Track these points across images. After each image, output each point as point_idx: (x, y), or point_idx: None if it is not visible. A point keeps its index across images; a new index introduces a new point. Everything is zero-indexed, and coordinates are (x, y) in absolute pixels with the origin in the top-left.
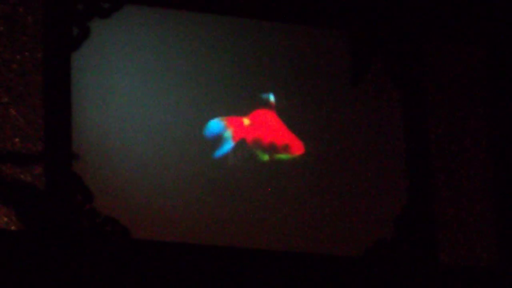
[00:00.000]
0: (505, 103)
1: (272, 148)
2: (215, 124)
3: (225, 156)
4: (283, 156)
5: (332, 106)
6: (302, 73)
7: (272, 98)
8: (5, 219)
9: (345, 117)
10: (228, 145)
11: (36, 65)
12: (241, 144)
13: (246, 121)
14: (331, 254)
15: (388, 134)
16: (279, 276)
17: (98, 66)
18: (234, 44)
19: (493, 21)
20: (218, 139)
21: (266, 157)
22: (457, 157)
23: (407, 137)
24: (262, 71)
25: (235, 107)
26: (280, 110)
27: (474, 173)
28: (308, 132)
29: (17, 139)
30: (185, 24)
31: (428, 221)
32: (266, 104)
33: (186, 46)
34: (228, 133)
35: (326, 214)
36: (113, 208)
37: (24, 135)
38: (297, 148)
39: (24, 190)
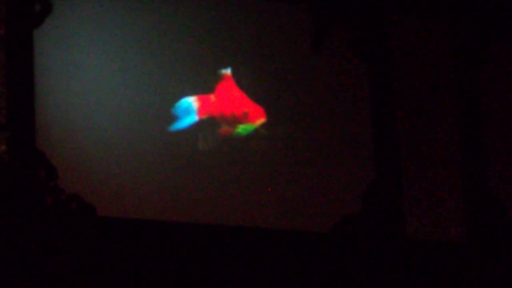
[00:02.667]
0: (471, 76)
1: (233, 118)
2: (184, 103)
3: (195, 141)
4: (246, 126)
5: (297, 81)
6: (265, 47)
7: (229, 70)
8: None
9: (311, 92)
10: (190, 119)
11: None
12: (211, 128)
13: (212, 97)
14: (299, 230)
15: (355, 110)
16: (247, 252)
17: (60, 42)
18: (197, 20)
19: None
20: (183, 115)
21: (231, 129)
22: (425, 132)
23: (374, 112)
24: (226, 47)
25: (200, 84)
26: (245, 85)
27: (442, 147)
28: (275, 110)
29: None
30: (149, 1)
31: (396, 196)
32: (225, 77)
33: (150, 23)
34: (193, 109)
35: (294, 190)
36: (78, 185)
37: None
38: (257, 114)
39: None
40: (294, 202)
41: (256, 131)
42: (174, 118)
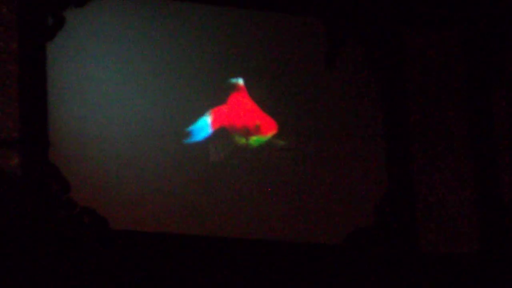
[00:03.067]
0: (483, 86)
1: (245, 130)
2: (202, 121)
3: (207, 153)
4: (258, 138)
5: (310, 94)
6: (279, 60)
7: (241, 81)
8: None
9: (323, 105)
10: (204, 132)
11: (12, 55)
12: (222, 140)
13: (225, 108)
14: (311, 242)
15: (368, 122)
16: (260, 265)
17: (73, 55)
18: (212, 32)
19: (469, 7)
20: (198, 129)
21: (243, 141)
22: (437, 144)
23: (387, 124)
24: (240, 59)
25: (214, 96)
26: (258, 97)
27: (455, 160)
28: (287, 123)
29: None
30: (162, 13)
31: (409, 208)
32: (237, 88)
33: (163, 35)
34: (207, 122)
35: (306, 202)
36: (91, 198)
37: None
38: (269, 127)
39: (0, 181)
40: (306, 214)
41: (272, 141)
42: (188, 131)
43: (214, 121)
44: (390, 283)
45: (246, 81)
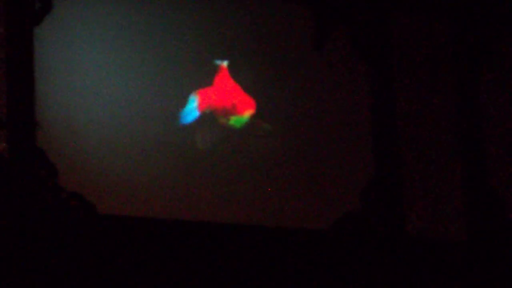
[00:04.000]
0: (471, 74)
1: (225, 110)
2: (190, 103)
3: (195, 140)
4: (238, 118)
5: (297, 79)
6: (266, 45)
7: (224, 63)
8: None
9: (310, 89)
10: (192, 115)
11: None
12: (209, 128)
13: (211, 90)
14: (299, 227)
15: (355, 107)
16: (247, 250)
17: (61, 40)
18: (199, 17)
19: None
20: (186, 111)
21: (224, 121)
22: (425, 129)
23: (374, 110)
24: (227, 44)
25: (201, 80)
26: (245, 83)
27: (442, 145)
28: (274, 107)
29: None
30: None
31: (395, 194)
32: (220, 69)
33: (150, 20)
34: (194, 103)
35: (293, 187)
36: (79, 183)
37: None
38: (246, 105)
39: None
40: (293, 199)
41: (256, 124)
42: (177, 115)
43: (200, 103)
44: (377, 268)
45: (234, 66)
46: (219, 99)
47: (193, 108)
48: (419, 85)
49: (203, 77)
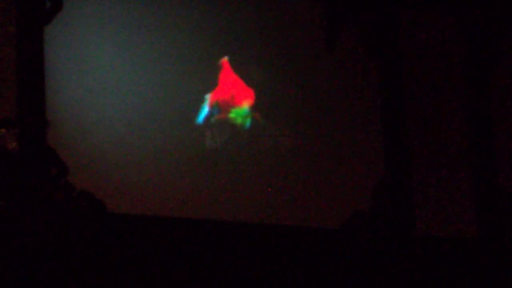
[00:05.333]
0: (480, 73)
1: (225, 103)
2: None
3: (204, 139)
4: (238, 110)
5: (307, 79)
6: (276, 44)
7: (226, 57)
8: None
9: (321, 90)
10: (203, 111)
11: (9, 38)
12: (218, 126)
13: (217, 87)
14: (309, 226)
15: (365, 107)
16: (258, 249)
17: (71, 38)
18: (210, 15)
19: None
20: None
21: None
22: (434, 128)
23: (383, 109)
24: (236, 43)
25: (210, 79)
26: (255, 82)
27: (451, 144)
28: (285, 107)
29: None
30: None
31: (406, 193)
32: (223, 64)
33: (160, 19)
34: (206, 100)
35: (304, 187)
36: (89, 182)
37: None
38: (243, 96)
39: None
40: (304, 199)
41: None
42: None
43: (210, 100)
44: (387, 266)
45: (244, 65)
46: (221, 93)
47: (204, 105)
48: (428, 84)
49: (214, 76)
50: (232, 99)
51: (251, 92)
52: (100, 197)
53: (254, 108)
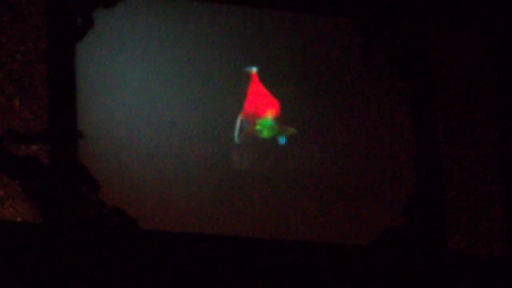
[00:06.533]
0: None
1: (251, 115)
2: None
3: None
4: (262, 122)
5: (337, 94)
6: (306, 61)
7: (254, 69)
8: (11, 210)
9: (351, 106)
10: (237, 128)
11: (41, 55)
12: (246, 147)
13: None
14: (341, 243)
15: (396, 123)
16: (289, 266)
17: (102, 56)
18: (241, 33)
19: (497, 11)
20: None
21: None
22: (466, 147)
23: (415, 126)
24: (266, 60)
25: (239, 96)
26: (287, 97)
27: (483, 161)
28: (316, 122)
29: (22, 131)
30: (190, 14)
31: (437, 209)
32: (251, 76)
33: (191, 36)
34: (238, 118)
35: (335, 203)
36: (120, 198)
37: (29, 127)
38: (268, 106)
39: (30, 182)
40: (335, 215)
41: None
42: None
43: (240, 117)
44: (419, 284)
45: (274, 78)
46: (248, 106)
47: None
48: (460, 101)
49: (241, 94)
50: (256, 110)
51: (276, 103)
52: (132, 214)
53: (281, 120)
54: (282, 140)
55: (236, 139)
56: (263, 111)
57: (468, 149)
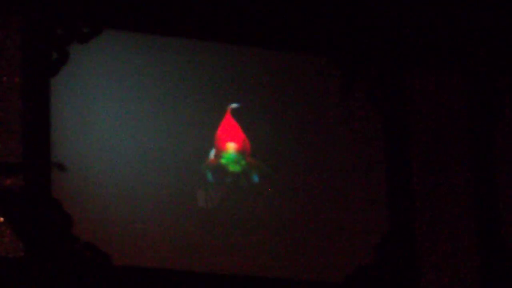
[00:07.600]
0: (485, 127)
1: (216, 148)
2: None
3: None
4: (225, 155)
5: (310, 129)
6: (281, 96)
7: (234, 105)
8: None
9: (324, 141)
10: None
11: (15, 89)
12: (211, 185)
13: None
14: (312, 281)
15: (369, 160)
16: None
17: (77, 90)
18: (216, 69)
19: (470, 50)
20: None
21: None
22: (439, 184)
23: (389, 163)
24: (242, 95)
25: (214, 131)
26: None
27: (456, 199)
28: (287, 157)
29: None
30: (164, 49)
31: (409, 248)
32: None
33: (166, 71)
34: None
35: (306, 240)
36: (93, 233)
37: (2, 161)
38: (231, 138)
39: (2, 216)
40: (307, 252)
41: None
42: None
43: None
44: None
45: (250, 116)
46: (216, 139)
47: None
48: (433, 138)
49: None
50: (219, 143)
51: (241, 137)
52: (105, 249)
53: (257, 157)
54: (255, 178)
55: (203, 172)
56: (224, 144)
57: (442, 186)
